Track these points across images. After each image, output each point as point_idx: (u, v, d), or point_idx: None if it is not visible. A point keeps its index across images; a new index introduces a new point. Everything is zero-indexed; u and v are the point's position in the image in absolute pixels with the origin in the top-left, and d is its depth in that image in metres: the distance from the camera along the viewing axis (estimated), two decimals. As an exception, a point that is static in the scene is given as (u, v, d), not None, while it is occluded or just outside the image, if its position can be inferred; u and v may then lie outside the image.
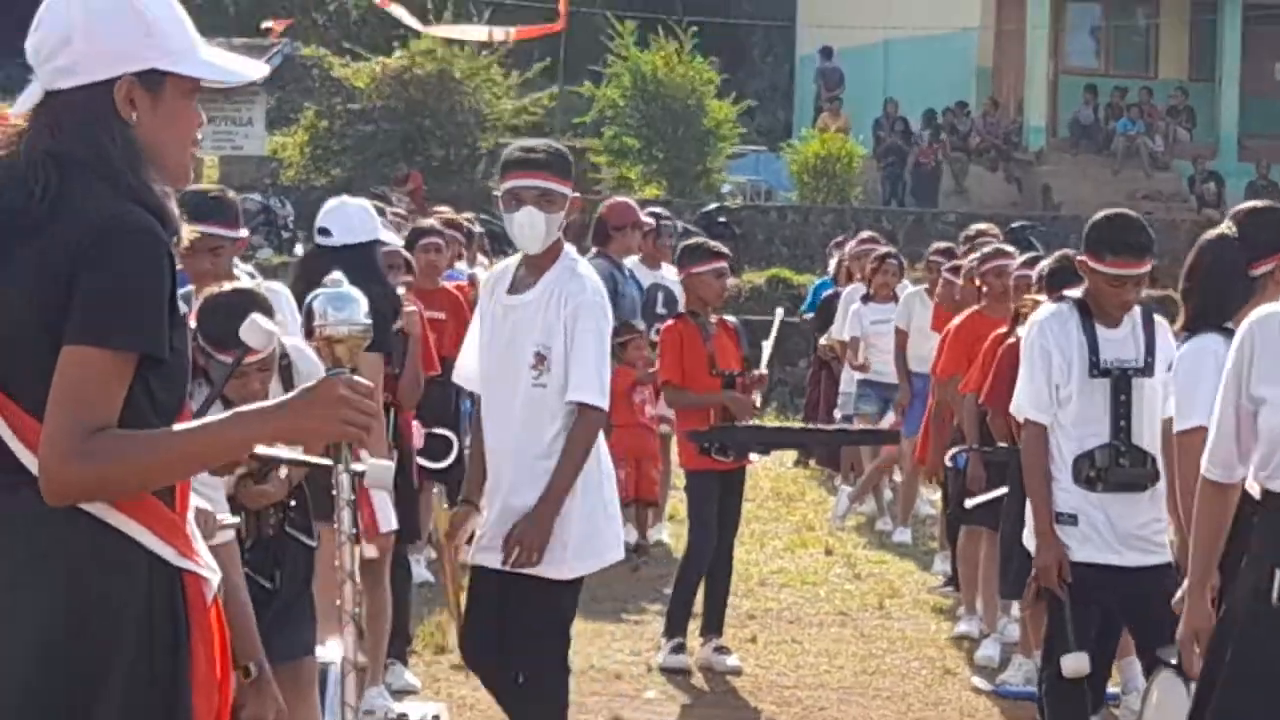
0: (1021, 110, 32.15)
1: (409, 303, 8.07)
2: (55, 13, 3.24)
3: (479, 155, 27.95)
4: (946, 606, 10.53)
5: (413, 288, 8.70)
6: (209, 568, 3.29)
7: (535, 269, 6.25)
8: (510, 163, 6.25)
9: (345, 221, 7.50)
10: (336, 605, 3.75)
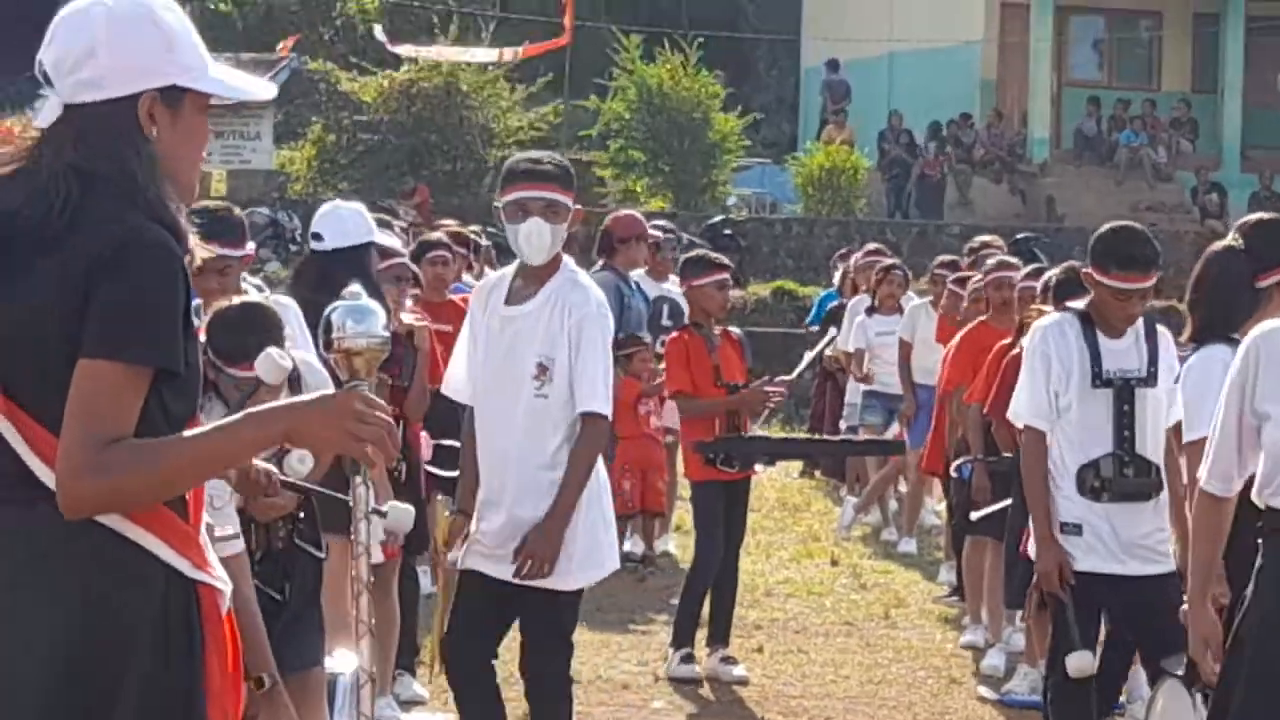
0: (1025, 122, 32.13)
1: (416, 315, 8.10)
2: (75, 26, 3.22)
3: (485, 169, 27.95)
4: (952, 616, 10.54)
5: (420, 300, 8.73)
6: (222, 579, 3.30)
7: (535, 280, 6.21)
8: (516, 174, 6.22)
9: (338, 225, 7.47)
10: (345, 617, 3.78)
